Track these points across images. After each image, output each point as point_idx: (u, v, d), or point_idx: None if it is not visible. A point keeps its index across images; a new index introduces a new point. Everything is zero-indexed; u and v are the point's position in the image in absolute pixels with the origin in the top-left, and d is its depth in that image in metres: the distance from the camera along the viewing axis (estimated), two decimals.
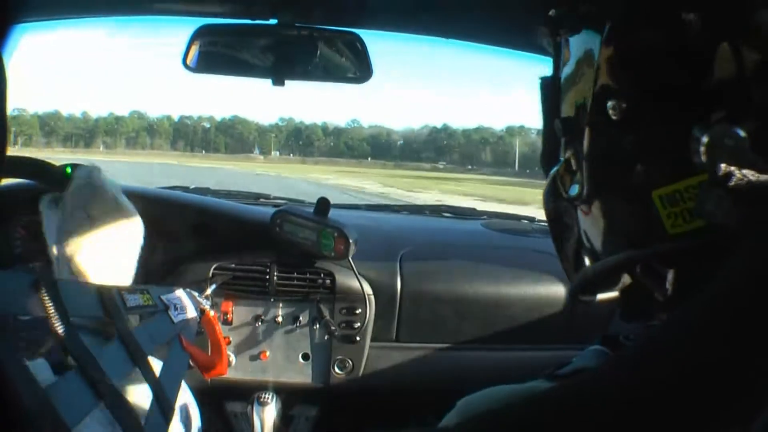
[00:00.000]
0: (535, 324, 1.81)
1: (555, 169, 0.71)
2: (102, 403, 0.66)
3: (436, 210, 2.36)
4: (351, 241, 1.66)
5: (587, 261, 0.69)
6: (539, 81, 0.77)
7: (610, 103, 0.59)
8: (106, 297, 0.80)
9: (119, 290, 0.85)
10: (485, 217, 2.28)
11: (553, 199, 0.72)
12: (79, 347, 0.68)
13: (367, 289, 1.74)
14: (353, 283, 1.72)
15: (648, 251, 0.60)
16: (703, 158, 0.52)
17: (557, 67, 0.72)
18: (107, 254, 1.08)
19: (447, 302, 1.80)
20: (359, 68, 1.64)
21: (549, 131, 0.74)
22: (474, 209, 2.43)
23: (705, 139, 0.52)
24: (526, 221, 2.28)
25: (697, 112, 0.54)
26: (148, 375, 0.80)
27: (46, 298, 0.67)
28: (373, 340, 1.76)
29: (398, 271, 1.80)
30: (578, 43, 0.66)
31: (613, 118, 0.59)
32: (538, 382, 0.61)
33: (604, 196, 0.64)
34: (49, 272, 1.05)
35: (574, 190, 0.66)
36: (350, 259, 1.69)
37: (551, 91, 0.73)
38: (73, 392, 0.63)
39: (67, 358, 0.68)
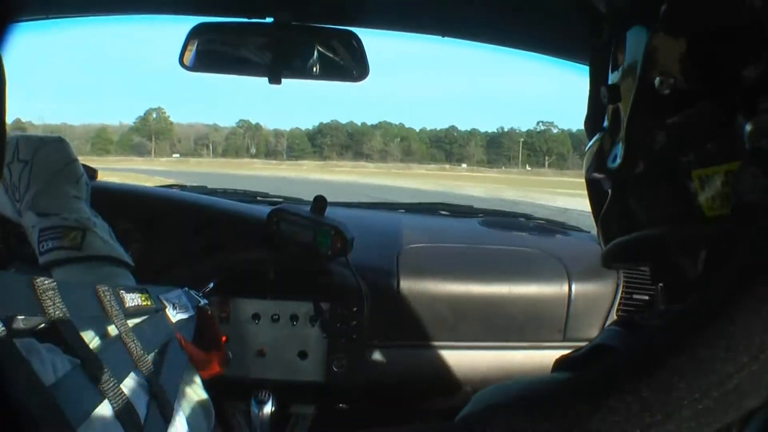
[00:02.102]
0: (533, 322, 1.82)
1: (598, 136, 0.72)
2: (106, 402, 0.67)
3: (434, 208, 2.36)
4: (348, 239, 1.66)
5: (620, 231, 0.69)
6: (590, 46, 0.77)
7: (658, 78, 0.59)
8: (105, 296, 0.80)
9: (118, 289, 0.85)
10: (482, 214, 2.28)
11: (595, 166, 0.73)
12: (80, 346, 0.68)
13: (365, 287, 1.74)
14: (350, 281, 1.73)
15: (684, 231, 0.60)
16: (747, 145, 0.53)
17: (608, 33, 0.72)
18: (57, 183, 1.11)
19: (444, 300, 1.80)
20: (356, 66, 1.64)
21: (595, 96, 0.74)
22: (471, 207, 2.44)
23: (749, 127, 0.52)
24: (523, 219, 2.28)
25: (744, 98, 0.54)
26: (148, 374, 0.80)
27: (45, 297, 0.67)
28: (370, 338, 1.77)
29: (395, 269, 1.80)
30: (631, 34, 0.67)
31: (661, 93, 0.59)
32: (553, 375, 0.61)
33: (643, 171, 0.64)
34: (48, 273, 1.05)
35: (615, 161, 0.67)
36: (347, 257, 1.69)
37: (601, 56, 0.73)
38: (77, 391, 0.63)
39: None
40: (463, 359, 1.81)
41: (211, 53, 1.65)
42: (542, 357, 1.79)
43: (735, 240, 0.51)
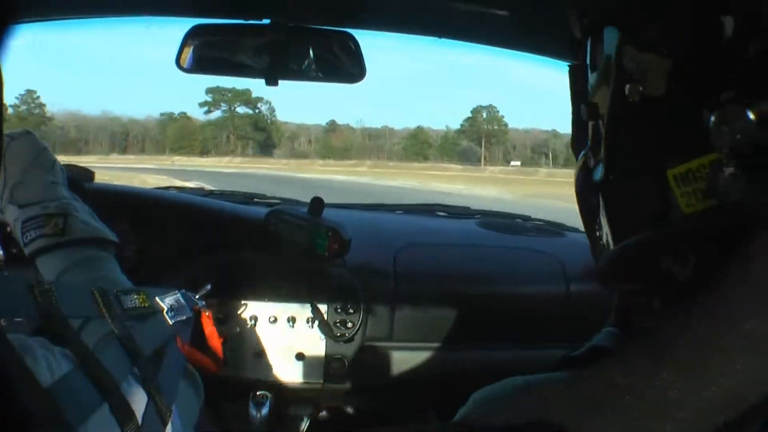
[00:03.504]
0: (530, 323, 1.82)
1: (583, 153, 0.73)
2: (106, 403, 0.67)
3: (431, 209, 2.35)
4: (345, 240, 1.66)
5: (611, 242, 0.70)
6: (568, 67, 0.78)
7: (627, 86, 0.60)
8: (103, 298, 0.81)
9: (116, 291, 0.85)
10: (479, 216, 2.28)
11: (583, 182, 0.74)
12: (79, 347, 0.68)
13: (362, 288, 1.74)
14: (348, 282, 1.72)
15: (664, 231, 0.61)
16: (712, 136, 0.53)
17: (585, 53, 0.73)
18: (33, 172, 1.13)
19: (441, 301, 1.80)
20: (352, 67, 1.64)
21: (577, 116, 0.75)
22: (468, 208, 2.44)
23: (713, 119, 0.53)
24: (520, 220, 2.28)
25: (708, 92, 0.55)
26: (146, 376, 0.80)
27: (43, 299, 0.67)
28: (367, 339, 1.76)
29: (392, 271, 1.80)
30: (604, 34, 0.68)
31: (630, 100, 0.60)
32: (550, 375, 0.61)
33: (623, 178, 0.65)
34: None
35: (598, 174, 0.68)
36: (344, 258, 1.69)
37: (579, 76, 0.74)
38: (76, 391, 0.64)
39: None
40: (460, 360, 1.81)
41: (208, 55, 1.65)
42: (540, 358, 1.79)
43: (719, 241, 0.52)
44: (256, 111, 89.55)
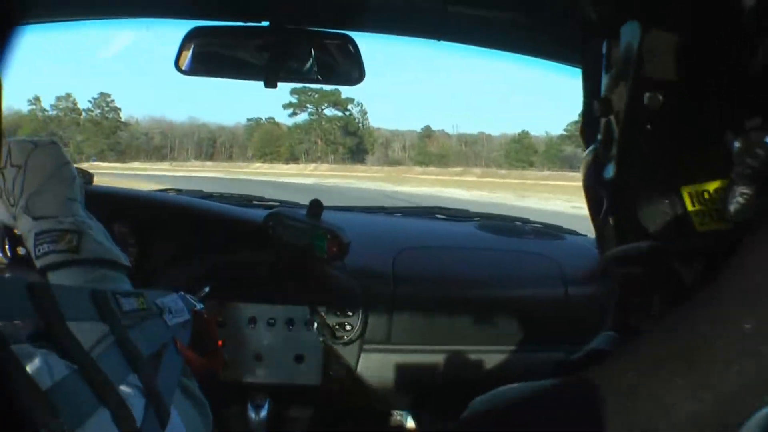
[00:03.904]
0: (528, 325, 1.82)
1: (593, 147, 0.73)
2: (103, 407, 0.67)
3: (430, 212, 2.35)
4: (344, 243, 1.66)
5: (617, 238, 0.70)
6: (583, 53, 0.77)
7: (647, 94, 0.60)
8: (102, 301, 0.80)
9: (114, 294, 0.85)
10: (479, 218, 2.28)
11: (591, 175, 0.74)
12: (77, 350, 0.68)
13: (361, 290, 1.74)
14: (346, 285, 1.72)
15: (678, 244, 0.60)
16: (735, 163, 0.53)
17: (600, 45, 0.73)
18: (51, 185, 1.11)
19: (440, 304, 1.80)
20: (351, 70, 1.64)
21: (589, 105, 0.75)
22: (467, 211, 2.44)
23: (737, 145, 0.53)
24: (519, 223, 2.28)
25: (733, 116, 0.55)
26: (145, 379, 0.80)
27: (42, 301, 0.67)
28: (366, 342, 1.76)
29: (391, 273, 1.80)
30: (624, 31, 0.67)
31: (650, 109, 0.60)
32: (550, 380, 0.62)
33: (636, 183, 0.65)
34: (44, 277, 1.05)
35: (609, 172, 0.68)
36: (343, 261, 1.69)
37: (592, 69, 0.73)
38: (74, 395, 0.63)
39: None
40: (459, 363, 1.81)
41: (207, 57, 1.65)
42: (538, 361, 1.79)
43: (730, 253, 0.52)
44: (346, 113, 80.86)
